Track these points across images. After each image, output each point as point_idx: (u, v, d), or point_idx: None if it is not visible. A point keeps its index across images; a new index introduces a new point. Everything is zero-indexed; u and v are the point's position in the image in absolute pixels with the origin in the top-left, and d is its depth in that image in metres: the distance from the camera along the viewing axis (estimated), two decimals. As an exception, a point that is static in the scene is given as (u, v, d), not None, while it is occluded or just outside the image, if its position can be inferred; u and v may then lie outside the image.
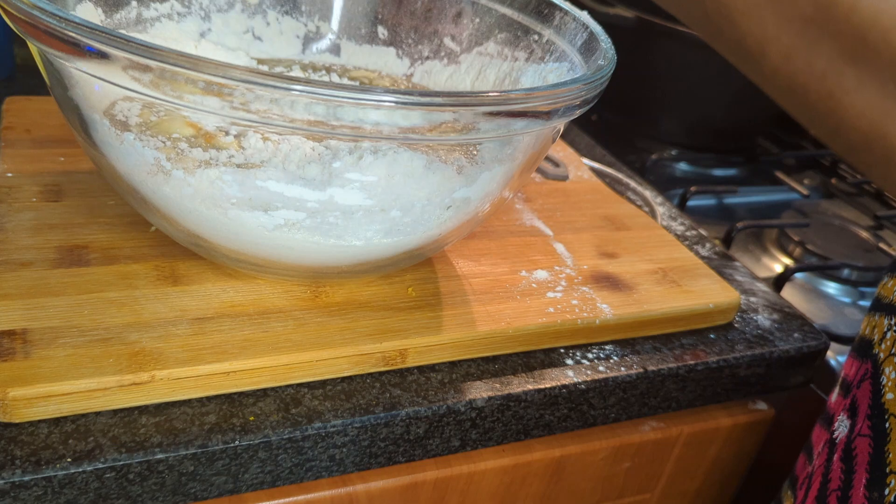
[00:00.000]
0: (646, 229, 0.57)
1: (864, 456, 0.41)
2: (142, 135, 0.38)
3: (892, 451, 0.39)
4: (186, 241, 0.41)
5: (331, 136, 0.34)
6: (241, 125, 0.38)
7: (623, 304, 0.47)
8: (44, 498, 0.33)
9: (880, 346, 0.42)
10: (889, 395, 0.40)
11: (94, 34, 0.30)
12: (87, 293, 0.39)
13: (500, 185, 0.41)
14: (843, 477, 0.42)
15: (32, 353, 0.35)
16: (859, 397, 0.42)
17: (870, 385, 0.42)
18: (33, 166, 0.49)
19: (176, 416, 0.36)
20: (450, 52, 0.55)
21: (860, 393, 0.42)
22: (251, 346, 0.38)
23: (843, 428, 0.43)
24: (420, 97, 0.32)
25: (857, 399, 0.42)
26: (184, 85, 0.30)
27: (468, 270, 0.48)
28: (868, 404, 0.41)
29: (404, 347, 0.41)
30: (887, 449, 0.39)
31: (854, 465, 0.41)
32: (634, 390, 0.46)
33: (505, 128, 0.35)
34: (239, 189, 0.36)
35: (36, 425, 0.34)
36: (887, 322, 0.42)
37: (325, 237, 0.38)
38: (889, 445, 0.39)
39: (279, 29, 0.57)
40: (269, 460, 0.37)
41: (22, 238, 0.42)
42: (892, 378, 0.40)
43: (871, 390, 0.41)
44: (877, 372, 0.41)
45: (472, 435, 0.42)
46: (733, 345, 0.50)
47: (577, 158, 0.67)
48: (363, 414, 0.38)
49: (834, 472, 0.43)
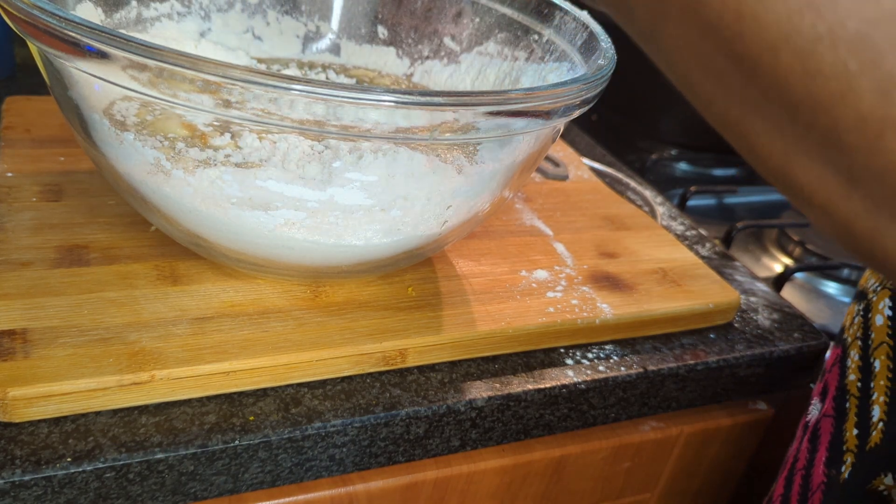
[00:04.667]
0: (646, 229, 0.57)
1: (826, 435, 0.42)
2: (141, 134, 0.38)
3: (848, 429, 0.40)
4: (186, 240, 0.41)
5: (331, 135, 0.34)
6: (240, 125, 0.38)
7: (623, 303, 0.47)
8: (44, 498, 0.33)
9: (849, 331, 0.43)
10: (851, 377, 0.41)
11: (94, 34, 0.30)
12: (87, 293, 0.39)
13: (500, 184, 0.41)
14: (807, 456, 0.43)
15: (32, 352, 0.35)
16: (829, 380, 0.43)
17: (838, 368, 0.42)
18: (33, 166, 0.49)
19: (176, 416, 0.36)
20: (450, 51, 0.55)
21: (830, 376, 0.43)
22: (251, 346, 0.38)
23: (815, 411, 0.44)
24: (420, 97, 0.32)
25: (828, 382, 0.43)
26: (183, 84, 0.30)
27: (468, 270, 0.47)
28: (835, 386, 0.42)
29: (404, 347, 0.41)
30: (845, 428, 0.40)
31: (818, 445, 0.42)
32: (634, 390, 0.46)
33: (505, 128, 0.35)
34: (239, 189, 0.36)
35: (36, 425, 0.34)
36: (857, 308, 0.42)
37: (325, 237, 0.38)
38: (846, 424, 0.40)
39: (279, 28, 0.57)
40: (269, 460, 0.37)
41: (22, 238, 0.42)
42: (855, 361, 0.41)
43: (838, 373, 0.42)
44: (844, 355, 0.42)
45: (472, 435, 0.42)
46: (733, 345, 0.50)
47: (577, 158, 0.67)
48: (363, 414, 0.38)
49: (801, 452, 0.44)
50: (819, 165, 0.19)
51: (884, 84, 0.17)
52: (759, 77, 0.19)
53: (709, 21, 0.19)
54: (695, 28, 0.20)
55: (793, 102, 0.18)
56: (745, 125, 0.20)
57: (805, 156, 0.19)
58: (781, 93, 0.19)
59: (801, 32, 0.18)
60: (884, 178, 0.18)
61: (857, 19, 0.17)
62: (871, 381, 0.39)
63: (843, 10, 0.17)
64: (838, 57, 0.17)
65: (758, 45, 0.19)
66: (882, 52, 0.17)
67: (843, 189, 0.19)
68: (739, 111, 0.20)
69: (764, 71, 0.19)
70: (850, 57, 0.17)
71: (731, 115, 0.20)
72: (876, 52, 0.17)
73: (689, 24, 0.20)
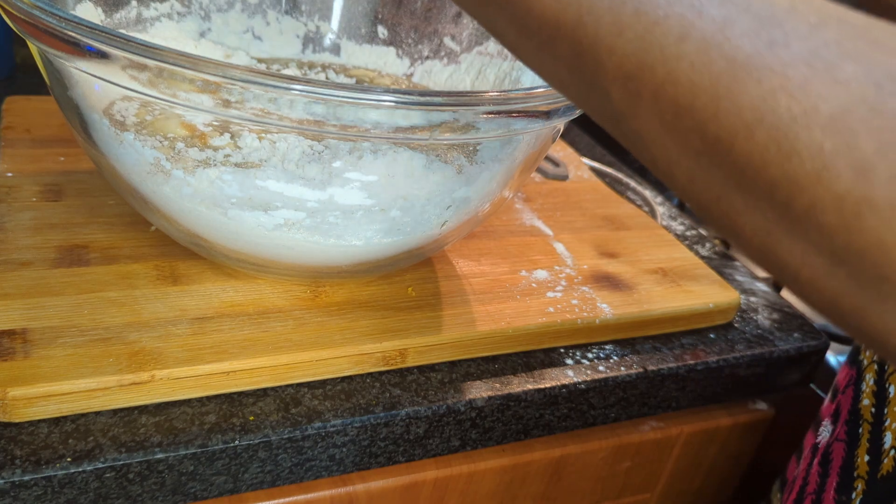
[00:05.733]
0: (646, 229, 0.57)
1: (838, 460, 0.41)
2: (141, 134, 0.38)
3: (860, 456, 0.40)
4: (186, 240, 0.41)
5: (330, 135, 0.34)
6: (240, 125, 0.38)
7: (623, 303, 0.47)
8: (44, 497, 0.33)
9: (865, 353, 0.43)
10: (865, 402, 0.41)
11: (94, 34, 0.30)
12: (87, 293, 0.39)
13: (500, 184, 0.41)
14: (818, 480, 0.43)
15: (32, 352, 0.35)
16: (843, 403, 0.43)
17: (852, 391, 0.42)
18: (33, 166, 0.49)
19: (176, 416, 0.36)
20: (450, 51, 0.55)
21: (844, 398, 0.43)
22: (251, 346, 0.38)
23: (825, 433, 0.44)
24: (420, 97, 0.32)
25: (841, 404, 0.43)
26: (183, 84, 0.30)
27: (468, 270, 0.47)
28: (848, 409, 0.42)
29: (404, 347, 0.41)
30: (857, 453, 0.40)
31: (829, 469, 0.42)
32: (634, 390, 0.46)
33: (505, 128, 0.35)
34: (239, 189, 0.36)
35: (36, 425, 0.34)
36: None
37: (325, 237, 0.38)
38: (859, 450, 0.40)
39: (279, 28, 0.57)
40: (268, 460, 0.37)
41: (22, 238, 0.42)
42: (870, 385, 0.41)
43: (852, 396, 0.42)
44: (859, 378, 0.42)
45: (472, 435, 0.42)
46: (733, 345, 0.50)
47: (577, 158, 0.67)
48: (363, 414, 0.38)
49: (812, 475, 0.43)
50: (801, 244, 0.19)
51: (859, 164, 0.17)
52: (736, 156, 0.19)
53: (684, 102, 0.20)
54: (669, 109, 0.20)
55: (770, 182, 0.19)
56: (726, 203, 0.20)
57: (787, 235, 0.19)
58: (758, 172, 0.19)
59: (776, 113, 0.18)
60: (865, 257, 0.18)
61: (830, 103, 0.17)
62: (885, 407, 0.39)
63: (815, 95, 0.18)
64: (813, 138, 0.18)
65: (733, 125, 0.19)
66: (856, 133, 0.17)
67: (827, 267, 0.19)
68: (720, 189, 0.20)
69: (740, 151, 0.19)
70: (826, 138, 0.17)
71: (712, 193, 0.20)
72: (851, 133, 0.17)
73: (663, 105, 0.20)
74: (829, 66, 0.18)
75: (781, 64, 0.18)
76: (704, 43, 0.19)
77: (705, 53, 0.19)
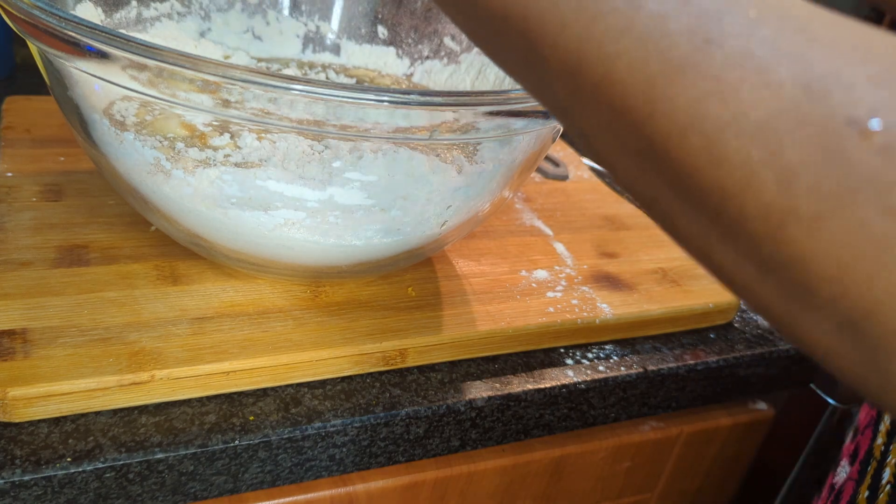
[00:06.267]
0: (646, 229, 0.57)
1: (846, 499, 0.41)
2: (141, 134, 0.38)
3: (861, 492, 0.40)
4: (186, 240, 0.41)
5: (330, 135, 0.34)
6: (240, 125, 0.38)
7: (623, 303, 0.47)
8: (44, 497, 0.33)
9: None
10: (878, 441, 0.41)
11: (94, 34, 0.30)
12: (87, 293, 0.39)
13: (500, 184, 0.41)
14: None
15: (32, 352, 0.35)
16: (861, 443, 0.43)
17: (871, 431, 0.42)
18: (33, 166, 0.49)
19: (176, 416, 0.36)
20: (450, 51, 0.55)
21: (862, 438, 0.43)
22: (251, 346, 0.38)
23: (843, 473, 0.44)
24: (420, 97, 0.32)
25: (860, 445, 0.43)
26: (183, 84, 0.30)
27: (468, 270, 0.47)
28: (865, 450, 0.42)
29: (404, 347, 0.41)
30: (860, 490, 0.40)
31: None
32: (634, 390, 0.46)
33: (505, 127, 0.35)
34: (239, 188, 0.36)
35: (36, 425, 0.34)
36: None
37: (325, 237, 0.38)
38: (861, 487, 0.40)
39: (279, 28, 0.57)
40: (268, 460, 0.37)
41: (22, 238, 0.42)
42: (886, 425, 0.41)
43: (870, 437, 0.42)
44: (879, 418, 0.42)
45: (472, 435, 0.42)
46: (733, 344, 0.50)
47: (577, 158, 0.67)
48: (363, 414, 0.38)
49: None
50: (732, 252, 0.19)
51: (784, 175, 0.17)
52: (671, 161, 0.19)
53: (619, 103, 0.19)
54: (606, 108, 0.20)
55: (702, 188, 0.18)
56: (665, 205, 0.20)
57: (719, 241, 0.19)
58: (692, 177, 0.18)
59: (708, 118, 0.18)
60: (790, 269, 0.17)
61: (759, 109, 0.17)
62: (893, 444, 0.39)
63: (746, 100, 0.17)
64: (742, 145, 0.17)
65: (667, 129, 0.18)
66: (783, 143, 0.17)
67: (757, 275, 0.19)
68: (657, 191, 0.20)
69: (675, 154, 0.19)
70: (753, 146, 0.17)
71: (651, 194, 0.20)
72: (777, 143, 0.17)
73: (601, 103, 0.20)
74: (761, 68, 0.17)
75: (715, 66, 0.18)
76: (641, 41, 0.19)
77: (642, 52, 0.19)
